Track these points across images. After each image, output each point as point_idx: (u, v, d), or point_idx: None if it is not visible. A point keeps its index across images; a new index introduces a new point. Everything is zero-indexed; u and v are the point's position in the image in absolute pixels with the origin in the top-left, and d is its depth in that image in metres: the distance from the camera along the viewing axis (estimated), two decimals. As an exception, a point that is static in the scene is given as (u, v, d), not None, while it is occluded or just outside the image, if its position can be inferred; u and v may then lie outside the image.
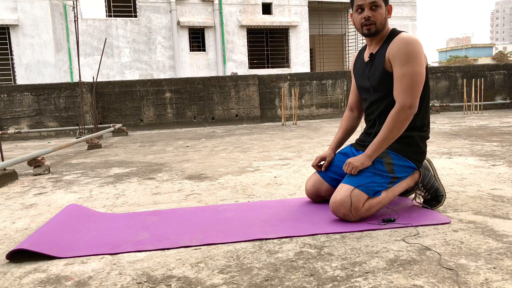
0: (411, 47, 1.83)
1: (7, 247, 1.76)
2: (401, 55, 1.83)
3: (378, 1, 1.91)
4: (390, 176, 1.90)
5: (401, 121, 1.83)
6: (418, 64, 1.83)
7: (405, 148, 1.94)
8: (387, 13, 1.95)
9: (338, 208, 1.84)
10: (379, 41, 1.98)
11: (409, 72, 1.82)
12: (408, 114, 1.83)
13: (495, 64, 11.08)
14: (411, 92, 1.82)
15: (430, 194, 2.01)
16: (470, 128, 5.93)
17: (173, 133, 7.65)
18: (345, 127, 2.25)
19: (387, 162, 1.90)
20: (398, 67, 1.84)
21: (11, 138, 7.96)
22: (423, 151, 2.00)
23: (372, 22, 1.91)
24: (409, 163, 1.94)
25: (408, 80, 1.81)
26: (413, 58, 1.82)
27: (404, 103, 1.82)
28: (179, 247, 1.66)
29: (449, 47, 76.76)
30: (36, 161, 3.64)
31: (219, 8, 15.86)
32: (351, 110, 2.25)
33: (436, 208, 2.00)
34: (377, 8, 1.91)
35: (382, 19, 1.92)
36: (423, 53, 1.86)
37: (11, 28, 13.83)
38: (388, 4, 1.95)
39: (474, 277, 1.27)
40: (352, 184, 1.85)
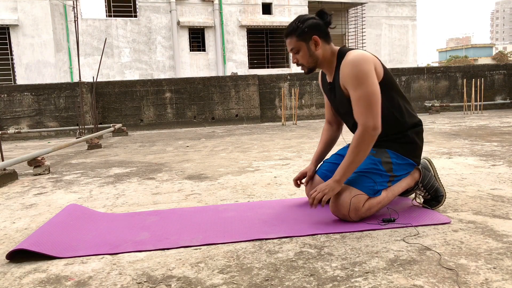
0: (358, 68, 1.78)
1: (7, 247, 1.76)
2: (351, 80, 1.80)
3: (295, 47, 1.88)
4: (389, 175, 1.90)
5: (366, 143, 1.80)
6: (369, 83, 1.77)
7: (403, 147, 1.94)
8: (316, 46, 1.88)
9: (338, 209, 1.85)
10: (330, 69, 1.95)
11: (363, 94, 1.78)
12: (372, 135, 1.80)
13: (495, 64, 11.08)
14: (370, 114, 1.78)
15: (430, 194, 2.01)
16: (470, 128, 5.93)
17: (173, 133, 7.65)
18: (325, 139, 2.22)
19: (385, 161, 1.90)
20: (352, 91, 1.81)
21: (11, 138, 7.96)
22: (420, 146, 2.00)
23: (301, 65, 1.92)
24: (407, 161, 1.94)
25: (364, 102, 1.78)
26: (362, 80, 1.78)
27: (367, 125, 1.78)
28: (179, 247, 1.66)
29: (449, 47, 76.78)
30: (36, 161, 3.64)
31: (219, 8, 15.87)
32: (330, 124, 2.22)
33: (436, 208, 2.00)
34: (298, 52, 1.90)
35: (308, 60, 1.90)
36: (371, 69, 1.79)
37: (11, 28, 13.83)
38: (312, 37, 1.86)
39: (474, 277, 1.27)
40: (352, 184, 1.85)
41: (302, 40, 1.88)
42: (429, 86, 10.23)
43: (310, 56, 1.90)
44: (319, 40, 1.87)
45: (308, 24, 1.87)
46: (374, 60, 1.85)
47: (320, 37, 1.88)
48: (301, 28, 1.86)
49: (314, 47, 1.88)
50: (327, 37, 1.91)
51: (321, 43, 1.89)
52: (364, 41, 18.07)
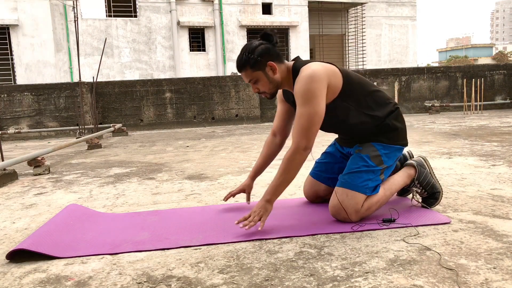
0: (306, 87, 1.75)
1: (7, 247, 1.76)
2: (298, 97, 1.78)
3: (253, 78, 1.85)
4: (380, 168, 1.89)
5: (296, 163, 1.78)
6: (314, 104, 1.74)
7: (386, 135, 1.93)
8: (273, 71, 1.84)
9: (337, 212, 1.85)
10: (290, 85, 1.92)
11: (305, 113, 1.75)
12: (303, 155, 1.77)
13: (495, 64, 11.08)
14: (306, 134, 1.76)
15: (426, 191, 2.01)
16: (470, 128, 5.93)
17: (173, 133, 7.65)
18: (266, 153, 2.18)
19: (373, 155, 1.89)
20: (298, 107, 1.79)
21: (11, 138, 7.96)
22: (402, 128, 1.98)
23: (262, 93, 1.90)
24: (394, 147, 1.93)
25: (304, 121, 1.75)
26: (308, 99, 1.75)
27: (299, 145, 1.76)
28: (179, 247, 1.66)
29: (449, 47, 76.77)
30: (36, 161, 3.64)
31: (219, 8, 15.86)
32: (274, 135, 2.16)
33: (434, 206, 2.01)
34: (257, 82, 1.86)
35: (269, 86, 1.87)
36: (321, 87, 1.76)
37: (11, 28, 13.83)
38: (268, 64, 1.82)
39: (474, 277, 1.27)
40: (346, 186, 1.85)
41: (258, 69, 1.83)
42: (429, 86, 10.23)
43: (270, 83, 1.86)
44: (274, 64, 1.84)
45: (258, 53, 1.81)
46: (329, 72, 1.81)
47: (274, 60, 1.84)
48: (253, 58, 1.81)
49: (272, 72, 1.84)
50: (280, 58, 1.88)
51: (277, 66, 1.85)
52: (364, 41, 18.06)
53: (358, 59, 18.23)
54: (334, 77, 1.83)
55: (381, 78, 9.95)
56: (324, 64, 1.85)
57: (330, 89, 1.82)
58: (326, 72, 1.80)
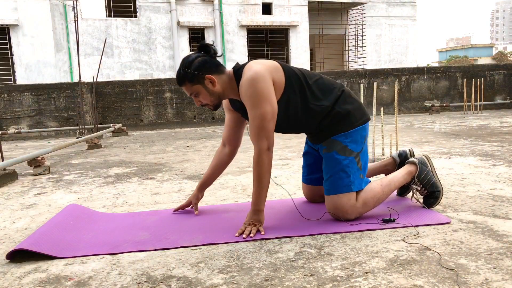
0: (251, 89, 1.73)
1: (7, 247, 1.76)
2: (246, 101, 1.77)
3: (193, 91, 1.84)
4: (352, 158, 1.86)
5: (265, 164, 1.77)
6: (264, 104, 1.73)
7: (342, 123, 1.89)
8: (213, 83, 1.82)
9: (336, 214, 1.88)
10: (235, 93, 1.89)
11: (257, 115, 1.74)
12: (268, 155, 1.77)
13: (495, 64, 11.09)
14: (263, 135, 1.75)
15: (427, 189, 2.00)
16: (470, 128, 5.93)
17: (173, 133, 7.65)
18: (214, 164, 2.14)
19: (339, 148, 1.87)
20: (248, 110, 1.78)
21: (11, 138, 7.96)
22: (356, 106, 1.93)
23: (205, 105, 1.90)
24: (356, 129, 1.89)
25: (258, 123, 1.74)
26: (257, 101, 1.73)
27: (261, 148, 1.76)
28: (179, 247, 1.66)
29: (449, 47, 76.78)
30: (36, 161, 3.64)
31: (219, 8, 15.86)
32: (224, 145, 2.13)
33: (435, 205, 2.00)
34: (198, 95, 1.86)
35: (210, 99, 1.86)
36: (267, 86, 1.74)
37: (11, 28, 13.83)
38: (205, 77, 1.81)
39: (474, 277, 1.27)
40: (332, 193, 1.86)
41: (197, 83, 1.82)
42: (429, 86, 10.23)
43: (211, 95, 1.85)
44: (213, 76, 1.82)
45: (195, 67, 1.79)
46: (270, 69, 1.79)
47: (212, 73, 1.82)
48: (190, 73, 1.79)
49: (211, 85, 1.83)
50: (219, 69, 1.85)
51: (216, 78, 1.83)
52: (364, 41, 18.06)
53: (358, 59, 18.22)
54: (276, 72, 1.81)
55: (381, 78, 9.95)
56: (264, 61, 1.83)
57: (275, 84, 1.80)
58: (268, 69, 1.79)
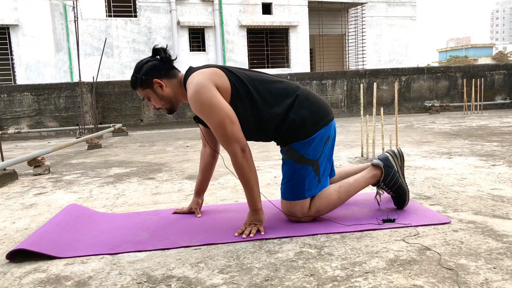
0: (198, 102, 1.72)
1: (7, 247, 1.76)
2: (199, 114, 1.76)
3: (145, 95, 1.87)
4: (309, 166, 1.84)
5: (245, 166, 1.75)
6: (215, 112, 1.71)
7: (298, 131, 1.83)
8: (161, 88, 1.84)
9: (289, 218, 1.90)
10: (185, 97, 1.88)
11: (215, 124, 1.73)
12: (245, 156, 1.74)
13: (495, 64, 11.09)
14: (231, 140, 1.73)
15: (392, 191, 1.98)
16: (470, 128, 5.93)
17: (173, 133, 7.65)
18: (203, 166, 2.13)
19: (296, 157, 1.84)
20: (206, 121, 1.77)
21: (11, 138, 7.96)
22: (311, 110, 1.85)
23: (159, 108, 1.91)
24: (315, 137, 1.83)
25: (220, 132, 1.73)
26: (207, 111, 1.72)
27: (235, 152, 1.74)
28: (179, 247, 1.66)
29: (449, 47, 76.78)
30: (36, 161, 3.64)
31: (219, 8, 15.86)
32: (205, 145, 2.12)
33: (404, 207, 1.98)
34: (150, 99, 1.88)
35: (161, 103, 1.87)
36: (212, 94, 1.72)
37: (11, 28, 13.83)
38: (154, 82, 1.82)
39: (474, 277, 1.27)
40: (287, 198, 1.87)
41: (146, 87, 1.84)
42: (429, 86, 10.23)
43: (161, 99, 1.86)
44: (161, 81, 1.83)
45: (144, 71, 1.82)
46: (212, 76, 1.76)
47: (161, 77, 1.84)
48: (139, 77, 1.83)
49: (161, 89, 1.84)
50: (170, 73, 1.86)
51: (165, 82, 1.84)
52: (364, 41, 18.06)
53: (358, 59, 18.23)
54: (219, 79, 1.78)
55: (381, 78, 9.95)
56: (204, 70, 1.80)
57: (221, 90, 1.77)
58: (209, 77, 1.76)
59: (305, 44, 17.19)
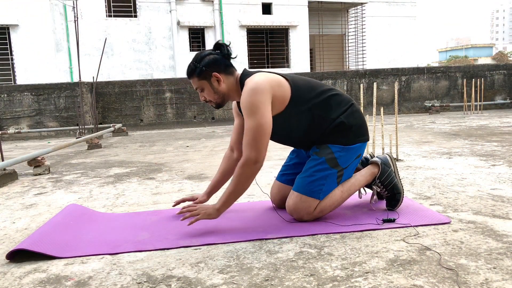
0: (249, 99, 1.75)
1: (7, 247, 1.76)
2: (244, 109, 1.78)
3: (199, 86, 1.88)
4: (336, 171, 1.87)
5: (246, 175, 1.77)
6: (259, 116, 1.74)
7: (343, 135, 1.88)
8: (219, 82, 1.86)
9: (291, 213, 1.89)
10: (239, 97, 1.90)
11: (252, 125, 1.75)
12: (253, 169, 1.76)
13: (495, 64, 11.09)
14: (255, 146, 1.74)
15: (387, 190, 1.98)
16: (470, 128, 5.93)
17: (173, 133, 7.65)
18: (223, 169, 2.12)
19: (329, 158, 1.86)
20: (245, 119, 1.79)
21: (11, 138, 7.96)
22: (360, 123, 1.93)
23: (209, 101, 1.92)
24: (353, 147, 1.89)
25: (252, 134, 1.75)
26: (252, 111, 1.75)
27: (249, 158, 1.75)
28: (179, 247, 1.66)
29: (449, 47, 76.75)
30: (36, 161, 3.64)
31: (219, 8, 15.86)
32: (232, 150, 2.13)
33: (396, 208, 1.98)
34: (203, 90, 1.89)
35: (214, 96, 1.88)
36: (264, 99, 1.75)
37: (11, 28, 13.83)
38: (212, 75, 1.85)
39: (474, 277, 1.27)
40: (301, 192, 1.86)
41: (203, 78, 1.86)
42: (429, 86, 10.23)
43: (215, 93, 1.88)
44: (220, 75, 1.85)
45: (205, 63, 1.84)
46: (272, 84, 1.80)
47: (220, 72, 1.86)
48: (199, 67, 1.84)
49: (217, 83, 1.86)
50: (229, 70, 1.89)
51: (223, 77, 1.87)
52: (364, 41, 18.06)
53: (358, 59, 18.23)
54: (279, 88, 1.82)
55: (381, 78, 9.95)
56: (268, 75, 1.83)
57: (276, 100, 1.80)
58: (269, 84, 1.79)
59: (305, 44, 17.18)
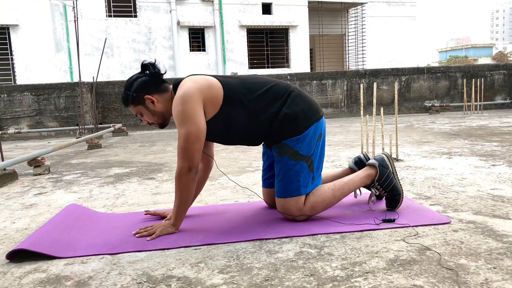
0: (177, 109, 1.75)
1: (7, 247, 1.76)
2: (175, 119, 1.77)
3: (137, 112, 1.88)
4: (303, 162, 1.85)
5: (184, 184, 1.77)
6: (189, 123, 1.73)
7: (291, 126, 1.84)
8: (153, 104, 1.85)
9: (285, 216, 1.91)
10: None
11: (182, 134, 1.74)
12: (188, 176, 1.76)
13: (495, 64, 11.08)
14: (186, 155, 1.74)
15: (387, 192, 1.97)
16: (470, 128, 5.93)
17: (173, 133, 7.65)
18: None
19: (290, 153, 1.85)
20: (177, 128, 1.78)
21: (11, 138, 7.96)
22: (304, 107, 1.87)
23: (152, 123, 1.92)
24: (307, 133, 1.85)
25: (182, 142, 1.74)
26: (183, 120, 1.74)
27: (182, 167, 1.75)
28: (179, 247, 1.66)
29: (449, 47, 76.77)
30: (36, 161, 3.64)
31: (219, 8, 15.86)
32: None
33: (396, 209, 1.98)
34: (142, 115, 1.89)
35: (153, 118, 1.88)
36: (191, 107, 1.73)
37: (11, 28, 13.83)
38: (145, 98, 1.83)
39: (474, 277, 1.27)
40: (282, 196, 1.87)
41: (138, 104, 1.85)
42: (429, 86, 10.24)
43: (153, 115, 1.88)
44: (152, 97, 1.84)
45: (134, 88, 1.83)
46: (202, 87, 1.78)
47: (151, 93, 1.85)
48: (130, 95, 1.84)
49: (153, 105, 1.85)
50: (161, 87, 1.87)
51: (157, 97, 1.85)
52: (364, 41, 18.06)
53: (358, 59, 18.23)
54: (209, 90, 1.79)
55: (381, 78, 9.95)
56: (197, 79, 1.81)
57: (208, 102, 1.79)
58: (198, 89, 1.77)
59: (305, 44, 17.19)
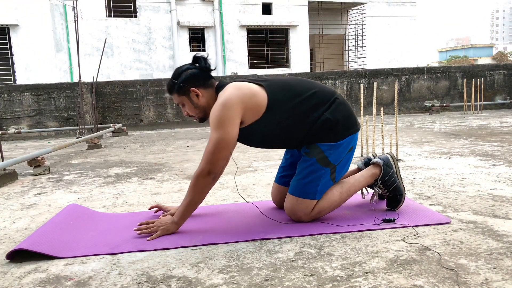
0: (215, 114, 1.76)
1: (7, 247, 1.76)
2: (211, 122, 1.78)
3: (180, 102, 1.89)
4: (329, 169, 1.86)
5: (200, 187, 1.77)
6: (222, 130, 1.74)
7: (330, 131, 1.84)
8: (198, 97, 1.86)
9: (289, 215, 1.90)
10: None
11: (213, 138, 1.75)
12: (206, 179, 1.76)
13: (495, 64, 11.08)
14: (211, 159, 1.75)
15: (389, 191, 1.98)
16: (470, 128, 5.93)
17: (173, 133, 7.65)
18: None
19: (319, 157, 1.84)
20: (211, 131, 1.79)
21: (11, 138, 7.96)
22: (345, 116, 1.88)
23: (191, 116, 1.93)
24: (342, 142, 1.86)
25: (211, 146, 1.74)
26: (218, 125, 1.75)
27: (203, 169, 1.75)
28: (179, 247, 1.66)
29: (449, 47, 76.76)
30: (36, 161, 3.64)
31: (219, 8, 15.86)
32: None
33: (397, 208, 1.98)
34: (184, 105, 1.90)
35: (195, 111, 1.89)
36: (231, 115, 1.74)
37: (11, 28, 13.83)
38: (191, 90, 1.85)
39: (474, 277, 1.27)
40: (296, 194, 1.86)
41: (183, 94, 1.87)
42: (429, 86, 10.23)
43: (195, 108, 1.89)
44: (198, 90, 1.85)
45: (182, 79, 1.85)
46: (244, 96, 1.77)
47: (198, 86, 1.86)
48: (177, 84, 1.85)
49: (197, 98, 1.87)
50: (208, 83, 1.88)
51: (202, 92, 1.86)
52: (364, 41, 18.06)
53: (358, 59, 18.23)
54: (251, 99, 1.79)
55: (381, 78, 9.95)
56: (241, 87, 1.81)
57: (249, 111, 1.79)
58: (240, 98, 1.77)
59: (305, 44, 17.18)
